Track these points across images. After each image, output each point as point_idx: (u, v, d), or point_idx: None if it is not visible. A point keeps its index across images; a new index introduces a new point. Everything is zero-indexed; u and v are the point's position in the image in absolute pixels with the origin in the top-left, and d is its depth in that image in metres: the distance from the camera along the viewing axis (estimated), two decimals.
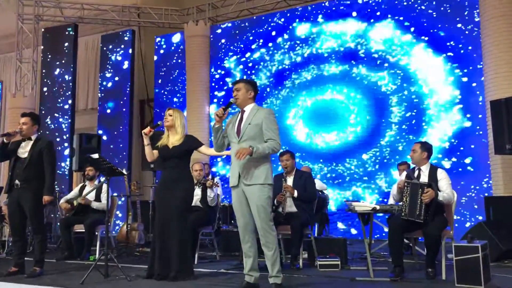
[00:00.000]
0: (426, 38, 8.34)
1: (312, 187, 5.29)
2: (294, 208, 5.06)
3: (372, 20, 8.85)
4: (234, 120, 3.81)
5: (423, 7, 8.42)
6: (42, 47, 11.14)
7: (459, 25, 8.08)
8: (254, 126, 3.66)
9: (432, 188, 4.05)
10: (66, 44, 10.90)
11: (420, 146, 4.51)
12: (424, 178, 4.35)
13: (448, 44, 8.13)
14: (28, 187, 4.53)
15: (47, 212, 7.74)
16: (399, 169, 6.28)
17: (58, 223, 6.85)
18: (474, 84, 7.82)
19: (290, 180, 5.23)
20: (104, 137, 10.34)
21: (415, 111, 8.27)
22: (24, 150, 4.63)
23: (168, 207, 4.30)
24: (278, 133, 3.68)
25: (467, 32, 8.00)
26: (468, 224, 7.31)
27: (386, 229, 6.24)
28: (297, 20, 9.66)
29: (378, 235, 7.32)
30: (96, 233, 5.98)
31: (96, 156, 4.24)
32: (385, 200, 7.63)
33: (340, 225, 8.48)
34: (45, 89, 10.89)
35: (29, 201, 4.51)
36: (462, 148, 7.78)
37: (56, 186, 8.64)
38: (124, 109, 10.78)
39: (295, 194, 5.07)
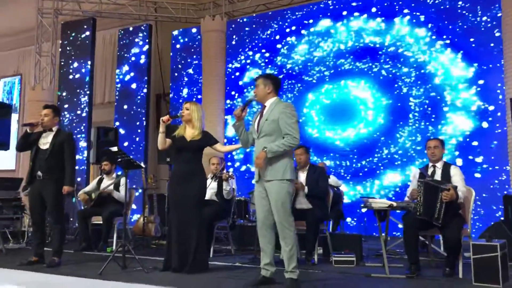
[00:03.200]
0: (445, 36, 8.22)
1: (324, 182, 5.27)
2: (309, 204, 5.05)
3: (390, 16, 8.76)
4: (256, 116, 3.85)
5: (442, 3, 8.30)
6: (60, 41, 11.28)
7: (479, 21, 7.95)
8: (271, 122, 3.66)
9: (453, 189, 3.99)
10: (84, 38, 11.03)
11: (440, 142, 4.47)
12: (438, 175, 4.32)
13: (468, 40, 8.01)
14: (49, 178, 4.61)
15: (65, 203, 7.86)
16: None
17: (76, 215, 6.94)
18: (494, 82, 7.70)
19: (303, 176, 5.22)
20: (122, 131, 10.46)
21: (430, 108, 8.17)
22: (45, 141, 4.71)
23: (183, 201, 4.33)
24: (296, 127, 3.64)
25: (487, 28, 7.88)
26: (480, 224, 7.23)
27: (401, 226, 6.23)
28: (314, 15, 9.61)
29: (396, 233, 7.27)
30: (114, 225, 6.06)
31: (115, 149, 4.30)
32: (394, 189, 7.61)
33: (351, 221, 8.46)
34: (63, 82, 11.03)
35: (50, 192, 4.60)
36: (478, 148, 7.68)
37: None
38: (140, 103, 10.88)
39: (306, 190, 5.06)
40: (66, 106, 10.79)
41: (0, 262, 4.80)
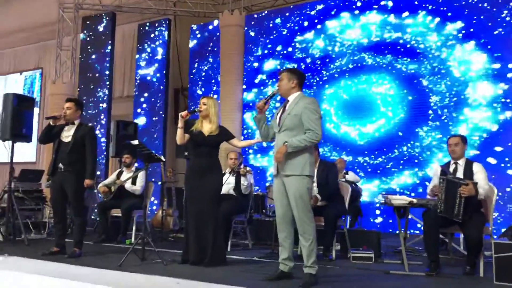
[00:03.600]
0: (465, 31, 8.09)
1: (334, 178, 5.15)
2: (323, 202, 5.01)
3: (411, 11, 8.64)
4: (279, 110, 3.82)
5: None
6: (81, 35, 11.41)
7: (503, 14, 7.79)
8: (293, 117, 3.63)
9: (473, 185, 3.94)
10: (104, 32, 11.14)
11: (460, 139, 4.41)
12: (460, 173, 4.27)
13: (489, 33, 7.86)
14: (71, 170, 4.69)
15: (85, 196, 7.99)
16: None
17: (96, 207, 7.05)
18: None
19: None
20: (143, 120, 10.55)
21: (453, 103, 8.04)
22: (67, 134, 4.79)
23: (201, 195, 4.37)
24: (319, 123, 3.62)
25: (509, 22, 7.72)
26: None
27: (419, 225, 6.17)
28: (334, 9, 9.53)
29: (414, 230, 7.20)
30: (132, 217, 6.14)
31: (136, 142, 4.35)
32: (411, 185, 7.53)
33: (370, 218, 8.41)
34: (83, 76, 11.18)
35: (72, 184, 4.67)
36: (502, 144, 7.55)
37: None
38: (159, 98, 10.97)
39: (319, 202, 4.93)
40: (85, 99, 10.93)
41: (23, 252, 4.90)
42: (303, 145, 3.57)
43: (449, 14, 8.28)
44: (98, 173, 9.99)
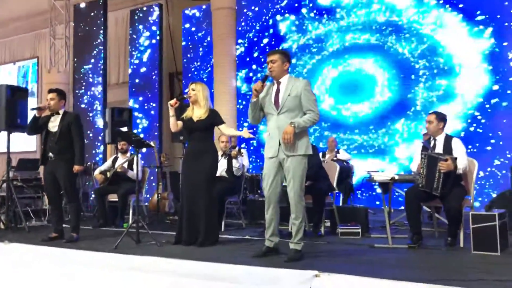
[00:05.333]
0: (454, 7, 8.11)
1: (316, 160, 5.06)
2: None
3: None
4: (270, 92, 3.82)
5: None
6: (73, 23, 11.43)
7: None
8: (293, 98, 3.69)
9: (451, 160, 4.06)
10: (96, 19, 11.15)
11: (435, 116, 4.50)
12: (439, 148, 4.38)
13: (480, 12, 7.88)
14: (61, 158, 4.84)
15: (83, 182, 8.15)
16: (424, 139, 6.28)
17: (93, 193, 7.21)
18: (508, 54, 7.60)
19: None
20: (136, 112, 10.67)
21: (443, 81, 8.12)
22: (54, 124, 4.91)
23: (195, 177, 4.52)
24: (316, 104, 3.74)
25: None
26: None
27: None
28: None
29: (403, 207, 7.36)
30: (129, 202, 6.30)
31: (125, 129, 4.49)
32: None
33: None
34: (77, 64, 11.24)
35: (62, 171, 4.83)
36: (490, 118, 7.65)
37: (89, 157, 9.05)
38: (153, 83, 11.04)
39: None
40: (81, 87, 11.02)
41: (24, 239, 5.06)
42: (308, 126, 3.69)
43: None
44: (97, 158, 10.16)
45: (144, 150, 6.16)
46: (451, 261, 3.64)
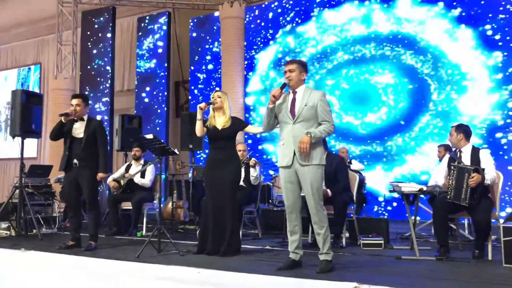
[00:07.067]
0: (464, 19, 8.17)
1: (344, 176, 5.17)
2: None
3: (413, 3, 8.71)
4: (286, 100, 3.82)
5: None
6: (80, 29, 11.40)
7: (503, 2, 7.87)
8: (310, 108, 3.70)
9: (479, 172, 4.05)
10: (104, 26, 11.14)
11: (455, 129, 4.50)
12: (466, 160, 4.37)
13: (487, 20, 7.95)
14: (86, 165, 4.79)
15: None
16: (439, 151, 6.28)
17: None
18: None
19: None
20: (145, 113, 10.65)
21: (454, 91, 8.15)
22: (79, 131, 4.85)
23: (219, 186, 4.47)
24: (331, 115, 3.76)
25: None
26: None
27: (422, 210, 6.30)
28: (333, 0, 9.58)
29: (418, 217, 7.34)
30: (143, 210, 6.23)
31: (150, 136, 4.42)
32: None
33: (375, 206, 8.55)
34: (84, 71, 11.20)
35: (86, 178, 4.77)
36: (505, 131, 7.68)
37: None
38: (160, 91, 11.01)
39: (329, 194, 4.98)
40: (87, 94, 10.95)
41: (38, 247, 4.97)
42: (323, 136, 3.72)
43: (449, 3, 8.35)
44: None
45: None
46: (484, 274, 3.60)
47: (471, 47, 8.07)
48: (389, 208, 8.43)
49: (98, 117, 10.06)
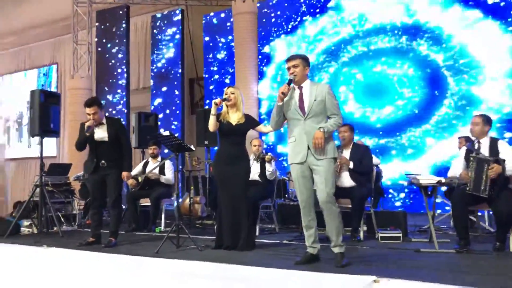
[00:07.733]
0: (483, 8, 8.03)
1: (369, 160, 5.30)
2: (352, 182, 5.12)
3: None
4: (294, 97, 3.79)
5: None
6: (95, 29, 11.52)
7: None
8: (319, 103, 3.69)
9: (499, 163, 4.00)
10: (119, 24, 11.23)
11: (482, 119, 4.44)
12: (484, 151, 4.31)
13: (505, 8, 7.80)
14: (113, 165, 4.92)
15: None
16: (460, 142, 6.19)
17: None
18: None
19: (347, 153, 5.27)
20: (160, 110, 10.75)
21: (470, 83, 8.03)
22: (102, 135, 4.94)
23: (232, 181, 4.49)
24: (339, 108, 3.77)
25: None
26: None
27: (439, 202, 6.24)
28: None
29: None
30: (161, 206, 6.29)
31: (167, 133, 4.46)
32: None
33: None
34: (100, 69, 11.32)
35: (113, 177, 4.90)
36: None
37: None
38: (175, 88, 11.08)
39: (351, 165, 5.12)
40: (104, 92, 11.08)
41: (59, 243, 5.05)
42: (334, 129, 3.73)
43: None
44: None
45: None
46: (506, 266, 3.55)
47: (492, 38, 7.91)
48: (407, 201, 8.36)
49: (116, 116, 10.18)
